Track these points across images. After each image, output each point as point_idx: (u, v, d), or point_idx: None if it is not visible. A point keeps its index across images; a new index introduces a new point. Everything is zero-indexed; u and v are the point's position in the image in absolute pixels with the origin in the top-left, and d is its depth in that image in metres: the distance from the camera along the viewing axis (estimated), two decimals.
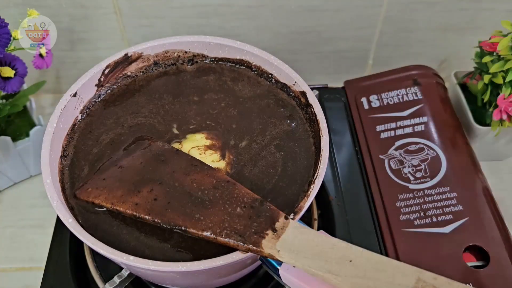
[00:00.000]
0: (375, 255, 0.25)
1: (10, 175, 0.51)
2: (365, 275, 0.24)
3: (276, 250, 0.27)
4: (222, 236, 0.28)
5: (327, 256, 0.26)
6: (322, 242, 0.26)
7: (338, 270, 0.25)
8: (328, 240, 0.26)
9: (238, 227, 0.28)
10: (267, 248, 0.27)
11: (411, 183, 0.46)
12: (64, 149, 0.35)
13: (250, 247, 0.27)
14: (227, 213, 0.29)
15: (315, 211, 0.45)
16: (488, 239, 0.41)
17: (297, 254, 0.26)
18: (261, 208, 0.29)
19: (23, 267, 0.46)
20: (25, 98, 0.48)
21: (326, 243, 0.26)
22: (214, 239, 0.28)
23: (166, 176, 0.31)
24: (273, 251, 0.27)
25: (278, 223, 0.28)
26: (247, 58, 0.41)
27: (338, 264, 0.25)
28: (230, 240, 0.27)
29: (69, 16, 0.52)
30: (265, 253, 0.27)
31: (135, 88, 0.40)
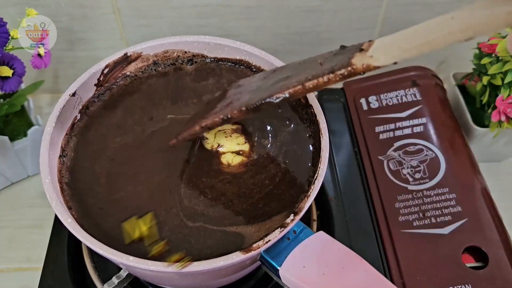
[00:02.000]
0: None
1: (7, 175, 0.51)
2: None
3: (369, 57, 0.25)
4: (309, 81, 0.27)
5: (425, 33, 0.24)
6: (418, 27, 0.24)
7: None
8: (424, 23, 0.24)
9: (323, 69, 0.27)
10: (358, 61, 0.25)
11: (410, 184, 0.46)
12: (63, 149, 0.35)
13: (340, 72, 0.26)
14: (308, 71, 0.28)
15: (315, 211, 0.45)
16: (486, 240, 0.41)
17: (392, 49, 0.25)
18: (342, 50, 0.28)
19: (21, 268, 0.46)
20: (23, 98, 0.47)
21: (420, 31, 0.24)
22: (301, 89, 0.27)
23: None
24: (364, 60, 0.25)
25: (364, 45, 0.26)
26: (246, 58, 0.40)
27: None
28: (319, 78, 0.27)
29: (68, 16, 0.52)
30: (359, 67, 0.25)
31: (134, 88, 0.40)
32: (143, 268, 0.28)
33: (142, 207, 0.33)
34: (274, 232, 0.29)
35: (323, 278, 0.29)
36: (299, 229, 0.32)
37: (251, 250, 0.28)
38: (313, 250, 0.30)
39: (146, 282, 0.41)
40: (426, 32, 0.23)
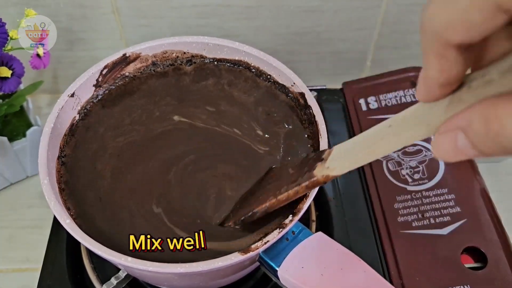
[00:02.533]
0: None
1: (6, 176, 0.51)
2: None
3: (326, 168, 0.28)
4: (281, 194, 0.30)
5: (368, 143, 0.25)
6: (364, 138, 0.26)
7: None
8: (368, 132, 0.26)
9: (292, 179, 0.30)
10: (319, 173, 0.28)
11: (409, 184, 0.46)
12: (61, 150, 0.35)
13: (305, 184, 0.29)
14: (282, 181, 0.31)
15: (313, 212, 0.45)
16: (486, 240, 0.41)
17: (345, 158, 0.27)
18: (307, 158, 0.31)
19: (20, 268, 0.46)
20: (22, 98, 0.47)
21: (366, 138, 0.26)
22: (277, 201, 0.30)
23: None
24: (324, 171, 0.28)
25: (324, 155, 0.29)
26: (245, 59, 0.40)
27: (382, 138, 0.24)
28: (289, 191, 0.29)
29: (67, 16, 0.52)
30: (319, 178, 0.28)
31: (133, 88, 0.40)
32: (141, 269, 0.28)
33: (142, 207, 0.33)
34: (272, 232, 0.29)
35: (322, 278, 0.29)
36: (298, 230, 0.32)
37: (249, 251, 0.28)
38: (312, 251, 0.30)
39: (145, 283, 0.41)
40: (369, 141, 0.25)
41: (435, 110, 0.19)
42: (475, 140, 0.16)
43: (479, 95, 0.17)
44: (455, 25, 0.15)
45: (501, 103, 0.15)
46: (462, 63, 0.17)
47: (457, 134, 0.17)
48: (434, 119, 0.19)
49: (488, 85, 0.17)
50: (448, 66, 0.17)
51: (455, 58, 0.17)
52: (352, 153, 0.26)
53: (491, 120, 0.15)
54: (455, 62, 0.17)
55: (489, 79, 0.16)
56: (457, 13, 0.15)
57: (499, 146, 0.15)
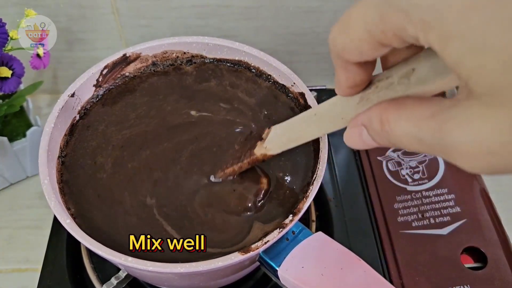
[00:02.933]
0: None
1: (6, 176, 0.51)
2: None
3: (264, 148, 0.31)
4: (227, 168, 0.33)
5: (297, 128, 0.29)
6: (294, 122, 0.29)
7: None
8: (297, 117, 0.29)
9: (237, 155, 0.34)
10: (258, 151, 0.32)
11: (409, 184, 0.46)
12: (61, 150, 0.35)
13: (246, 160, 0.32)
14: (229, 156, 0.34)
15: (313, 212, 0.45)
16: (485, 240, 0.41)
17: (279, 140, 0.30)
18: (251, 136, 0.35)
19: (20, 268, 0.46)
20: (22, 99, 0.47)
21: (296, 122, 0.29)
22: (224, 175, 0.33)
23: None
24: (262, 150, 0.32)
25: (264, 134, 0.32)
26: (245, 59, 0.40)
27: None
28: (233, 166, 0.33)
29: (67, 16, 0.52)
30: (258, 156, 0.32)
31: (133, 88, 0.40)
32: (141, 269, 0.28)
33: (142, 207, 0.33)
34: (272, 232, 0.29)
35: (322, 278, 0.29)
36: (298, 230, 0.32)
37: (250, 251, 0.28)
38: (312, 251, 0.30)
39: (145, 283, 0.41)
40: (299, 127, 0.28)
41: (349, 105, 0.22)
42: (373, 135, 0.20)
43: (382, 97, 0.20)
44: (350, 50, 0.19)
45: (392, 107, 0.18)
46: (363, 73, 0.20)
47: (362, 129, 0.20)
48: (347, 114, 0.23)
49: (389, 88, 0.20)
50: (352, 75, 0.20)
51: (356, 71, 0.20)
52: (285, 136, 0.30)
53: (383, 122, 0.19)
54: (357, 73, 0.20)
55: (391, 82, 0.20)
56: (350, 42, 0.18)
57: (389, 141, 0.19)
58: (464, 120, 0.15)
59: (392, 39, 0.16)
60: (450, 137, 0.15)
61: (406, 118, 0.17)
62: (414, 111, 0.17)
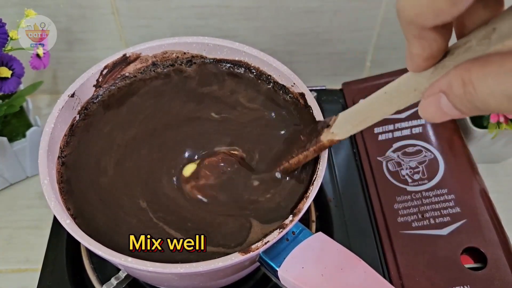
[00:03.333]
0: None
1: (6, 176, 0.51)
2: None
3: (331, 133, 0.31)
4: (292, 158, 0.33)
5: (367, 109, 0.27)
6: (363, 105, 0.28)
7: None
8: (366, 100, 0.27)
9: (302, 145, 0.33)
10: (324, 138, 0.31)
11: (409, 185, 0.46)
12: (61, 150, 0.35)
13: (312, 148, 0.32)
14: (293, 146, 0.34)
15: (313, 212, 0.45)
16: (485, 241, 0.41)
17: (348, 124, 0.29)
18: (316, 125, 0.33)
19: (19, 269, 0.46)
20: (22, 99, 0.47)
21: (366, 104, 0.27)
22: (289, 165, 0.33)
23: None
24: (329, 136, 0.31)
25: (331, 121, 0.31)
26: (245, 59, 0.40)
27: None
28: (299, 155, 0.33)
29: (66, 17, 0.52)
30: (325, 143, 0.31)
31: (133, 88, 0.40)
32: (141, 269, 0.27)
33: (142, 207, 0.33)
34: (273, 233, 0.29)
35: (322, 279, 0.29)
36: (298, 230, 0.32)
37: (250, 251, 0.28)
38: (312, 251, 0.30)
39: (145, 283, 0.41)
40: (368, 107, 0.27)
41: (422, 76, 0.21)
42: (455, 101, 0.18)
43: (460, 60, 0.18)
44: (424, 12, 0.17)
45: (475, 67, 0.17)
46: (441, 39, 0.18)
47: (440, 97, 0.18)
48: (420, 85, 0.21)
49: (467, 51, 0.18)
50: (428, 44, 0.18)
51: (433, 37, 0.18)
52: (354, 118, 0.29)
53: (466, 83, 0.17)
54: (434, 40, 0.18)
55: (469, 46, 0.18)
56: (425, 2, 0.16)
57: (474, 106, 0.17)
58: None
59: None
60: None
61: (493, 74, 0.16)
62: (501, 66, 0.16)
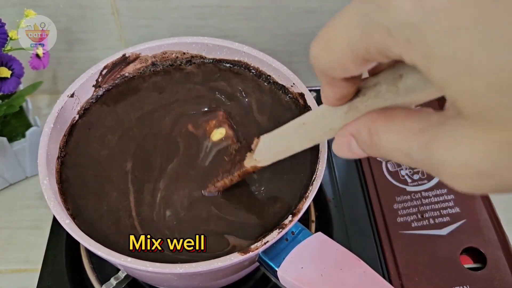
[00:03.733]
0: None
1: (6, 176, 0.51)
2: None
3: (254, 160, 0.30)
4: (218, 182, 0.33)
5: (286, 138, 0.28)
6: (282, 131, 0.28)
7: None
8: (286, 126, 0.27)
9: (227, 168, 0.33)
10: (248, 163, 0.31)
11: (409, 185, 0.46)
12: (61, 150, 0.35)
13: (236, 173, 0.31)
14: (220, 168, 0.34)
15: (313, 213, 0.45)
16: (485, 241, 0.41)
17: (268, 152, 0.29)
18: (240, 146, 0.34)
19: (19, 269, 0.46)
20: (21, 99, 0.47)
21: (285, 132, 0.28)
22: (215, 188, 0.33)
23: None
24: (252, 162, 0.30)
25: (253, 145, 0.31)
26: (245, 59, 0.40)
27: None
28: (224, 179, 0.32)
29: (66, 17, 0.52)
30: (248, 169, 0.31)
31: (133, 88, 0.40)
32: (141, 269, 0.27)
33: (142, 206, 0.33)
34: (272, 233, 0.29)
35: (321, 279, 0.29)
36: (297, 230, 0.32)
37: (249, 251, 0.28)
38: (311, 251, 0.30)
39: (144, 283, 0.41)
40: (288, 137, 0.27)
41: (337, 114, 0.22)
42: (362, 146, 0.19)
43: (370, 105, 0.20)
44: (334, 68, 0.18)
45: (380, 119, 0.18)
46: (350, 86, 0.20)
47: (350, 140, 0.20)
48: (336, 124, 0.22)
49: (377, 96, 0.19)
50: (339, 89, 0.20)
51: (343, 85, 0.19)
52: (274, 147, 0.29)
53: (372, 134, 0.18)
54: (344, 87, 0.19)
55: (379, 90, 0.19)
56: (333, 61, 0.17)
57: (379, 153, 0.18)
58: (452, 142, 0.14)
59: (376, 56, 0.16)
60: (438, 157, 0.15)
61: (395, 131, 0.17)
62: (403, 124, 0.17)
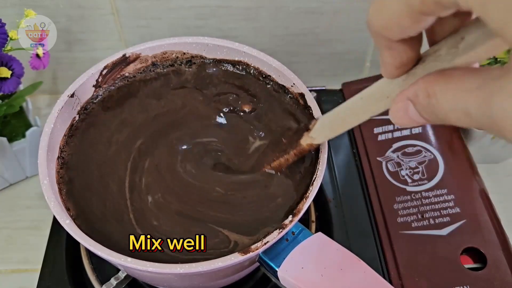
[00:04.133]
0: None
1: (6, 176, 0.51)
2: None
3: (310, 137, 0.31)
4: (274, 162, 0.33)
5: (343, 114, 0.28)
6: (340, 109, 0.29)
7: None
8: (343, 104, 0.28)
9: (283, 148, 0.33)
10: (304, 141, 0.32)
11: (409, 185, 0.46)
12: (61, 150, 0.35)
13: (292, 152, 0.32)
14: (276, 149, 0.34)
15: (313, 213, 0.45)
16: (485, 241, 0.41)
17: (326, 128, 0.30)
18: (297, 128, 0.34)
19: (19, 269, 0.46)
20: (21, 99, 0.47)
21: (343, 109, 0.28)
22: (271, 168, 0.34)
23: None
24: (308, 140, 0.32)
25: (311, 125, 0.32)
26: (245, 59, 0.40)
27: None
28: (280, 159, 0.33)
29: (66, 17, 0.52)
30: (305, 147, 0.32)
31: (133, 89, 0.40)
32: (141, 269, 0.27)
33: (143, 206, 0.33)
34: (272, 233, 0.29)
35: (322, 279, 0.29)
36: (298, 231, 0.32)
37: (249, 251, 0.28)
38: (311, 251, 0.30)
39: (145, 284, 0.41)
40: (345, 113, 0.28)
41: (394, 83, 0.21)
42: (420, 110, 0.19)
43: (429, 69, 0.19)
44: (390, 28, 0.17)
45: (439, 80, 0.17)
46: (410, 50, 0.19)
47: (408, 104, 0.19)
48: (393, 91, 0.22)
49: (436, 60, 0.19)
50: (398, 54, 0.19)
51: (402, 48, 0.19)
52: (332, 123, 0.30)
53: (430, 96, 0.18)
54: (403, 51, 0.19)
55: (438, 55, 0.19)
56: (390, 19, 0.17)
57: (437, 117, 0.18)
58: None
59: (432, 6, 0.15)
60: (498, 110, 0.14)
61: (453, 91, 0.17)
62: (461, 83, 0.16)
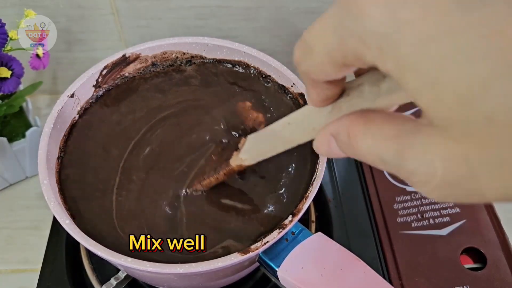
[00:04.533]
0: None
1: (6, 176, 0.51)
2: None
3: (239, 158, 0.30)
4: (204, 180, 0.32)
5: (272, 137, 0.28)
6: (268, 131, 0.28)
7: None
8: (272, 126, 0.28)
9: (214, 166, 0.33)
10: (234, 162, 0.31)
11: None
12: (61, 150, 0.35)
13: (222, 172, 0.31)
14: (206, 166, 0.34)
15: (313, 213, 0.45)
16: (485, 241, 0.41)
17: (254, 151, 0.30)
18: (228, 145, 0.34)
19: (19, 269, 0.46)
20: (21, 99, 0.47)
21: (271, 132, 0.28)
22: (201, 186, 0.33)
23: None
24: (237, 161, 0.31)
25: (240, 144, 0.31)
26: (245, 59, 0.40)
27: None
28: (210, 178, 0.32)
29: (66, 17, 0.52)
30: (234, 167, 0.31)
31: (133, 89, 0.40)
32: (141, 269, 0.27)
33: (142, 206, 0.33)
34: (272, 233, 0.29)
35: (321, 279, 0.29)
36: (298, 230, 0.32)
37: (249, 251, 0.28)
38: (311, 251, 0.30)
39: (144, 284, 0.41)
40: (273, 136, 0.27)
41: (321, 114, 0.22)
42: (341, 147, 0.20)
43: (353, 106, 0.20)
44: (315, 72, 0.18)
45: (359, 122, 0.18)
46: (334, 87, 0.20)
47: (331, 140, 0.20)
48: (319, 124, 0.22)
49: (360, 96, 0.20)
50: (322, 91, 0.20)
51: (326, 86, 0.20)
52: (260, 146, 0.29)
53: (350, 136, 0.18)
54: (327, 89, 0.20)
55: (362, 90, 0.19)
56: (315, 65, 0.18)
57: (356, 155, 0.18)
58: (422, 151, 0.15)
59: (354, 61, 0.16)
60: (409, 165, 0.15)
61: (372, 136, 0.17)
62: (380, 130, 0.17)
